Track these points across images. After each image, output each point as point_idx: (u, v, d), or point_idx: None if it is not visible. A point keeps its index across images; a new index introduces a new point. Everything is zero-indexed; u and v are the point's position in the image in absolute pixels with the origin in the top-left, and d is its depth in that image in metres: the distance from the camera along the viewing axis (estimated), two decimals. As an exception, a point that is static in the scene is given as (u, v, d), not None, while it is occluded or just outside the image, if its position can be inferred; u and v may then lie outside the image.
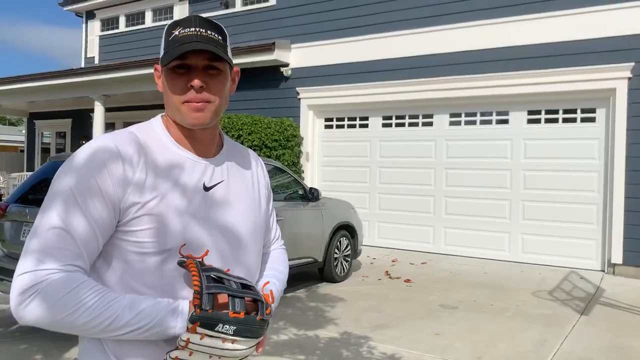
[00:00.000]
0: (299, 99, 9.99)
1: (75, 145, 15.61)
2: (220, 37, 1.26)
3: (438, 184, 8.90)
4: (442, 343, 4.61)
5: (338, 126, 9.98)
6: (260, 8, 10.80)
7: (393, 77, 9.03)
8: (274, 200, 6.03)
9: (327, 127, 10.09)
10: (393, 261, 8.26)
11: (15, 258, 4.74)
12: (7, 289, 4.73)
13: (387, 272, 7.46)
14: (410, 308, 5.70)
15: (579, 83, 7.58)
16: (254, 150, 8.83)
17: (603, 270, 7.55)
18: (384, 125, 9.47)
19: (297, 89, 9.98)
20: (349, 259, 7.24)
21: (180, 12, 12.61)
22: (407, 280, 6.94)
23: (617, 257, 7.31)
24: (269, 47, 9.73)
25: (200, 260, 1.21)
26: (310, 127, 10.02)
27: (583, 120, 7.82)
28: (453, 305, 5.80)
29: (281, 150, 9.21)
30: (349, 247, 7.24)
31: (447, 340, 4.68)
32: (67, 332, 1.16)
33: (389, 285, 6.76)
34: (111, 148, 1.20)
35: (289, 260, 6.42)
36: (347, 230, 7.23)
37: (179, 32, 1.24)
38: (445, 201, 8.86)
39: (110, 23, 14.42)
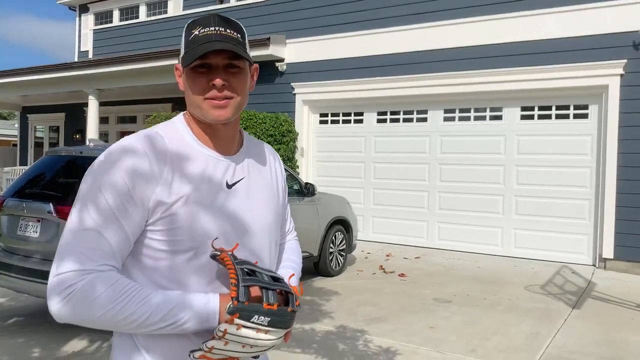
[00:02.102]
0: (294, 94, 10.01)
1: (69, 140, 15.56)
2: (239, 35, 1.28)
3: (432, 179, 8.97)
4: (436, 336, 4.67)
5: (333, 121, 10.01)
6: (254, 3, 10.78)
7: (388, 72, 9.07)
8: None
9: (322, 122, 10.12)
10: (387, 256, 8.33)
11: (11, 252, 4.75)
12: (5, 284, 4.75)
13: (381, 266, 7.53)
14: (404, 302, 5.76)
15: (572, 80, 7.65)
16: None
17: (594, 265, 7.64)
18: (379, 120, 9.51)
19: (292, 84, 10.00)
20: (343, 254, 7.29)
21: (175, 6, 12.58)
22: (402, 275, 7.01)
23: (609, 252, 7.40)
24: (264, 42, 9.73)
25: (232, 253, 1.25)
26: (306, 122, 10.04)
27: (576, 116, 7.90)
28: (447, 299, 5.86)
29: (276, 146, 9.24)
30: (344, 242, 7.29)
31: (441, 334, 4.74)
32: (104, 329, 1.20)
33: (383, 279, 6.82)
34: (139, 149, 1.22)
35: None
36: (342, 225, 7.28)
37: (199, 31, 1.26)
38: (439, 196, 8.93)
39: (104, 17, 14.36)
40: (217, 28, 1.26)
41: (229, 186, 1.32)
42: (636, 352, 4.39)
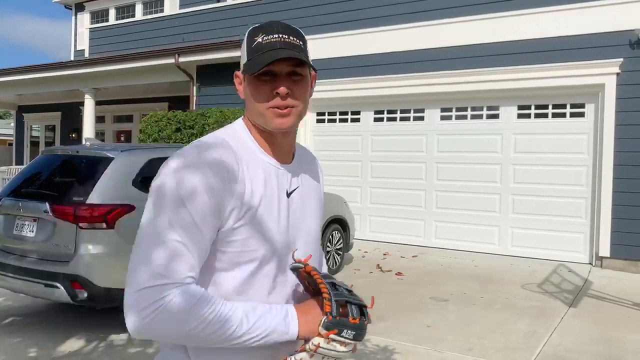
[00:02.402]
0: (291, 93, 9.98)
1: (65, 139, 15.52)
2: (301, 43, 1.27)
3: (429, 178, 8.97)
4: (434, 335, 4.68)
5: (330, 120, 10.01)
6: (251, 2, 10.77)
7: (383, 71, 9.07)
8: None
9: (319, 121, 10.12)
10: (384, 254, 8.33)
11: (7, 252, 4.74)
12: (2, 283, 4.72)
13: (378, 265, 7.53)
14: (402, 301, 5.77)
15: (569, 78, 7.66)
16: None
17: (591, 263, 7.66)
18: (376, 119, 9.51)
19: (289, 83, 9.97)
20: (341, 253, 7.29)
21: (171, 5, 12.55)
22: (399, 274, 7.01)
23: (605, 250, 7.42)
24: (261, 41, 9.69)
25: (314, 266, 1.28)
26: (302, 121, 10.01)
27: (572, 115, 7.91)
28: (444, 297, 5.87)
29: (273, 145, 9.22)
30: (341, 241, 7.29)
31: (438, 332, 4.74)
32: (188, 344, 1.17)
33: (380, 278, 6.82)
34: (216, 157, 1.19)
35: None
36: (340, 224, 7.28)
37: (262, 39, 1.24)
38: (436, 195, 8.94)
39: (100, 15, 14.32)
40: (280, 35, 1.24)
41: (288, 195, 1.32)
42: (632, 350, 4.40)
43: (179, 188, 1.14)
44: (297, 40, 1.26)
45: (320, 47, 9.69)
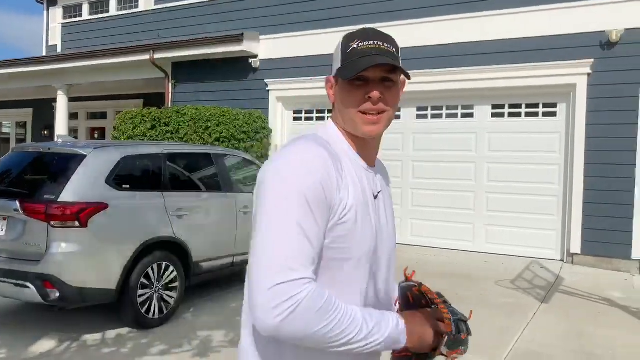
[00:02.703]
0: (268, 90, 9.96)
1: (37, 136, 15.20)
2: (394, 49, 1.30)
3: (405, 176, 9.03)
4: (409, 332, 4.70)
5: (307, 118, 10.00)
6: (228, -2, 10.68)
7: (361, 70, 9.07)
8: (245, 192, 6.02)
9: (296, 119, 10.10)
10: (361, 252, 8.35)
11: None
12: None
13: (355, 263, 7.54)
14: (378, 298, 5.79)
15: (542, 78, 7.78)
16: (222, 142, 8.79)
17: (563, 260, 7.81)
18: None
19: (265, 80, 9.95)
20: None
21: (146, 1, 12.37)
22: (375, 271, 7.04)
23: (576, 247, 7.57)
24: (238, 38, 9.66)
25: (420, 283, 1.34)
26: (280, 119, 10.01)
27: (545, 114, 8.05)
28: (420, 295, 5.91)
29: (250, 143, 9.19)
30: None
31: (414, 329, 4.77)
32: (310, 346, 1.14)
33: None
34: (326, 155, 1.20)
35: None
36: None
37: (357, 44, 1.27)
38: (411, 193, 9.01)
39: (73, 10, 14.05)
40: (375, 42, 1.27)
41: (375, 197, 1.33)
42: (603, 344, 4.51)
43: (297, 185, 1.14)
44: (391, 47, 1.29)
45: (296, 45, 9.67)
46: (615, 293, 6.19)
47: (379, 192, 1.35)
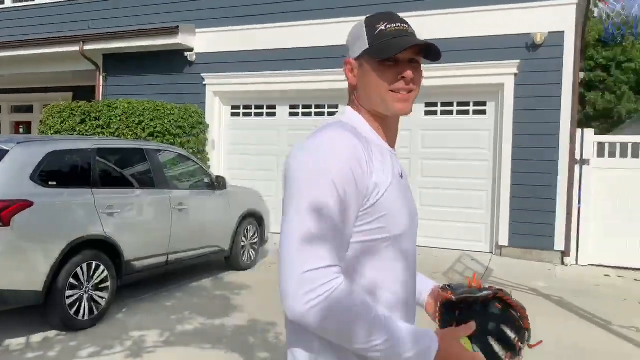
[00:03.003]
0: (204, 85, 9.79)
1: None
2: (414, 31, 1.35)
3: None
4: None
5: (245, 114, 9.92)
6: (163, -10, 10.39)
7: (296, 67, 9.09)
8: (180, 189, 5.91)
9: (233, 114, 9.99)
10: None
11: None
12: None
13: (293, 258, 7.57)
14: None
15: (472, 78, 8.07)
16: (156, 137, 8.56)
17: (492, 252, 8.15)
18: (291, 114, 9.53)
19: (202, 74, 9.77)
20: (256, 247, 7.27)
21: (75, -11, 11.81)
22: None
23: (504, 239, 7.93)
24: (173, 31, 9.43)
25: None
26: (217, 114, 9.86)
27: (475, 112, 8.36)
28: (356, 289, 6.01)
29: (186, 138, 9.01)
30: (256, 235, 7.27)
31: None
32: (334, 341, 1.12)
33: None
34: (356, 141, 1.21)
35: (194, 250, 6.29)
36: (255, 218, 7.25)
37: (385, 26, 1.30)
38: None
39: (-6, -3, 13.23)
40: (401, 24, 1.32)
41: (401, 177, 1.34)
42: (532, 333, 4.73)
43: (329, 171, 1.15)
44: (413, 30, 1.35)
45: (234, 40, 9.55)
46: (540, 282, 6.54)
47: (402, 172, 1.38)
